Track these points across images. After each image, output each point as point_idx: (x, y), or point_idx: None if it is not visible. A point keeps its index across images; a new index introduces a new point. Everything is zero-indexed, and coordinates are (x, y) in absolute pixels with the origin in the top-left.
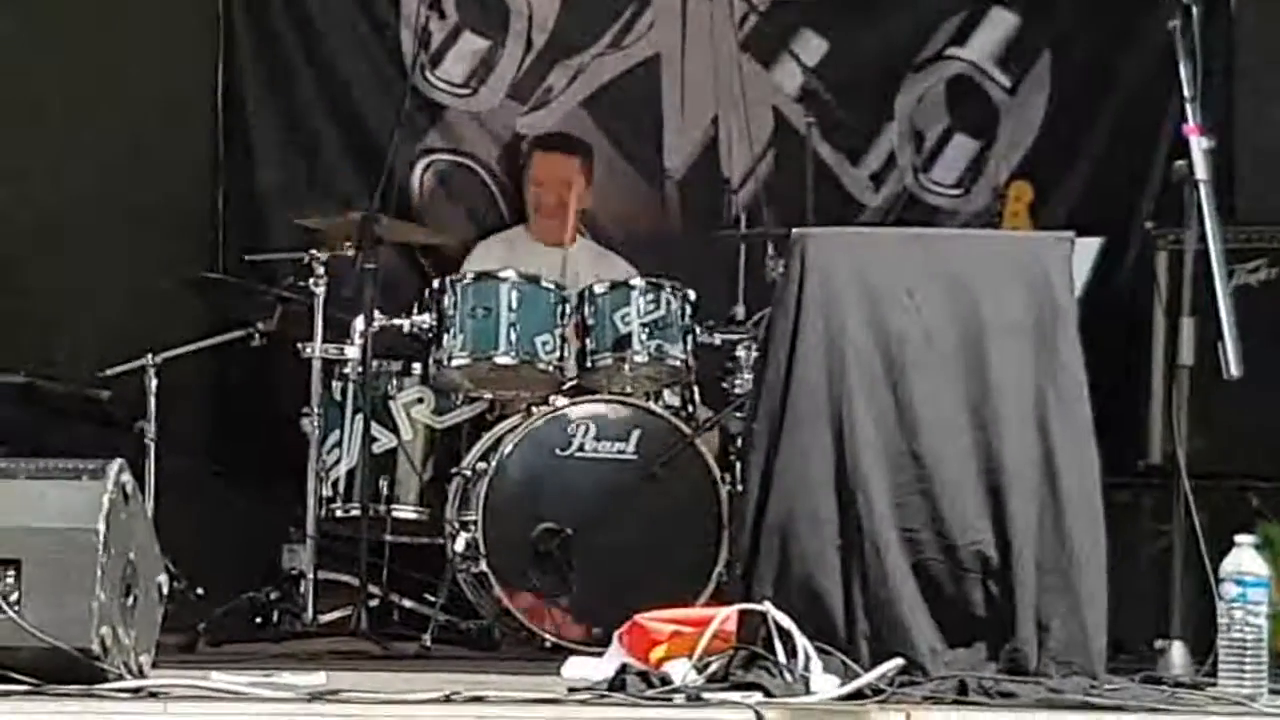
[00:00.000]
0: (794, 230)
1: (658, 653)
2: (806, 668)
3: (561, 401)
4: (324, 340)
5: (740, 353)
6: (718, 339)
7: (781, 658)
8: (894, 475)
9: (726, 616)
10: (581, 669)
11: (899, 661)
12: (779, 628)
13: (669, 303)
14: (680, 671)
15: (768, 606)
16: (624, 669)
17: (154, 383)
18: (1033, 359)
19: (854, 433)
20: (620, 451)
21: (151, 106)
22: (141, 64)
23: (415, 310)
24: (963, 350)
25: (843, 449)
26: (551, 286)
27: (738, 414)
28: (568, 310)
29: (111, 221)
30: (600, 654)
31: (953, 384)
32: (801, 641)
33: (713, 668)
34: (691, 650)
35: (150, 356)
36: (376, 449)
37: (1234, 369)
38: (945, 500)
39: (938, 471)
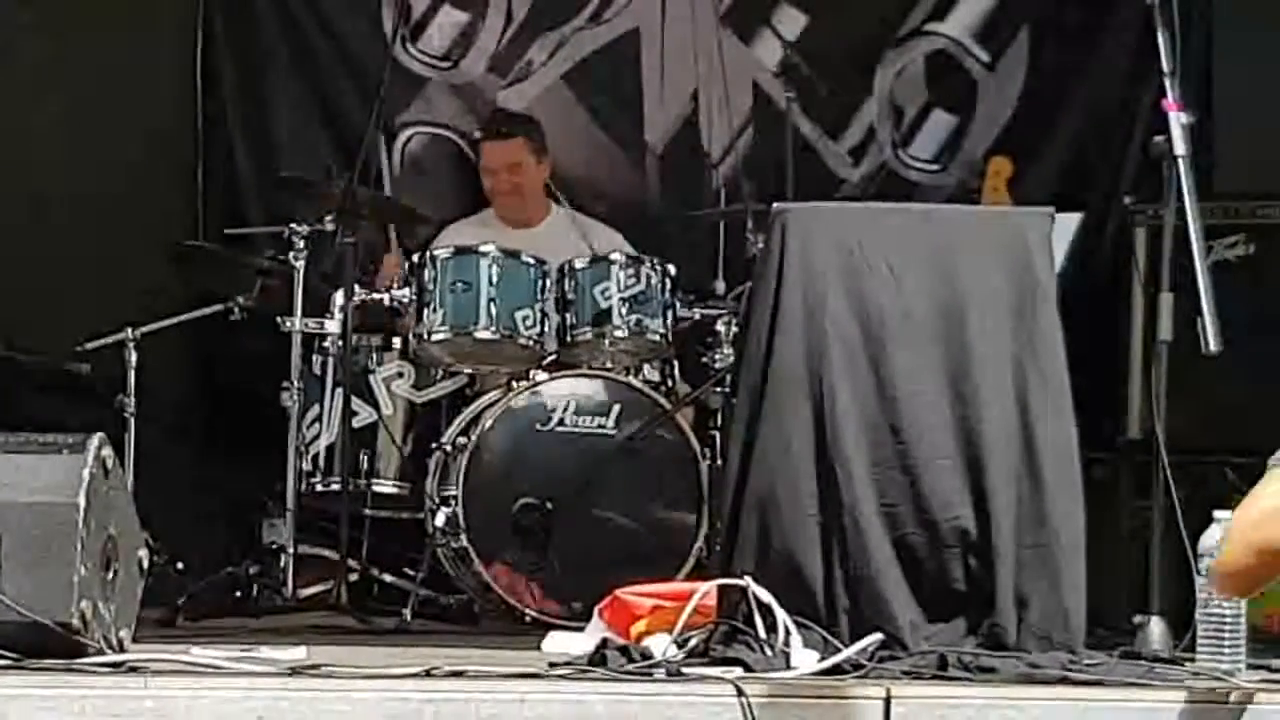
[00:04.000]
0: (774, 205)
1: (638, 627)
2: (786, 643)
3: (541, 376)
4: (304, 314)
5: (720, 327)
6: (697, 313)
7: (762, 632)
8: (874, 450)
9: (707, 591)
10: (562, 643)
11: (879, 636)
12: (759, 602)
13: (649, 277)
14: (661, 646)
15: (748, 581)
16: (604, 644)
17: (134, 357)
18: (1012, 334)
19: (834, 407)
20: (600, 426)
21: (129, 82)
22: (121, 41)
23: (395, 284)
24: (942, 325)
25: (823, 424)
26: (532, 261)
27: (717, 388)
28: (548, 285)
29: (91, 196)
30: (581, 629)
31: (932, 359)
32: (782, 616)
33: (693, 642)
34: (672, 625)
35: (130, 330)
36: (356, 423)
37: (1213, 344)
38: (925, 475)
39: (917, 446)
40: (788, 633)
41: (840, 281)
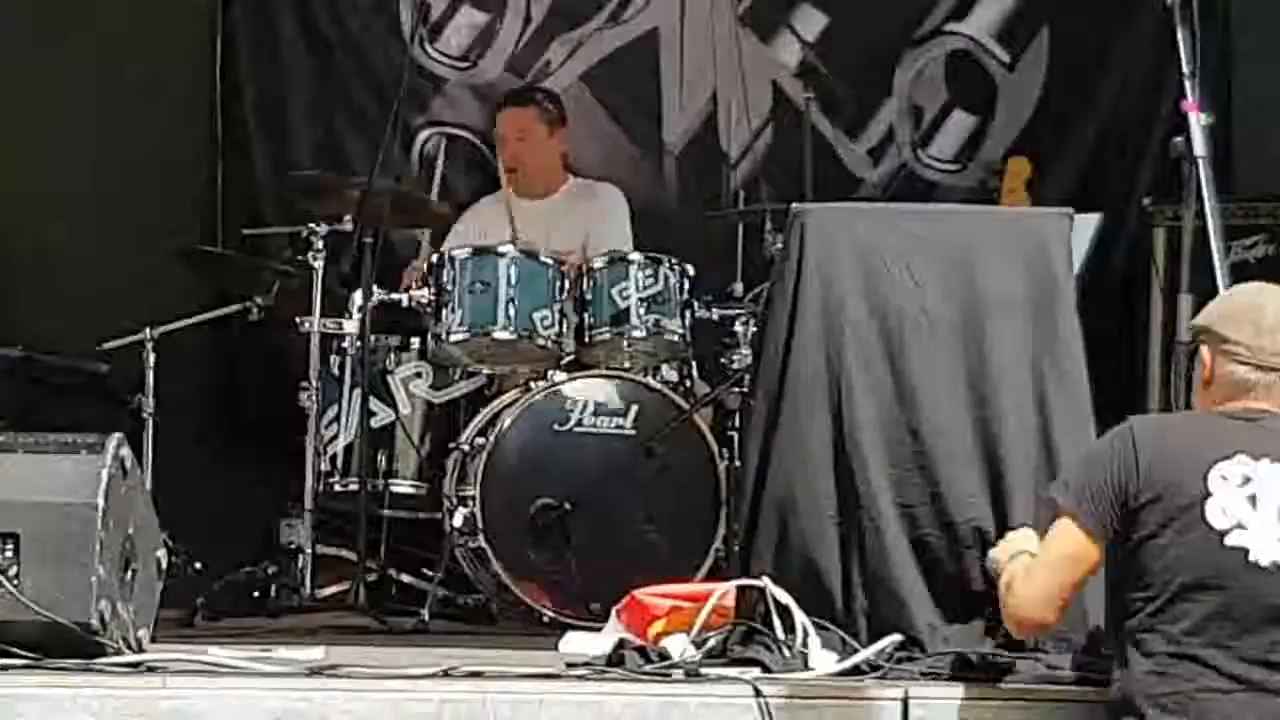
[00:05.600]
0: (793, 205)
1: (656, 628)
2: (805, 644)
3: (560, 376)
4: (322, 315)
5: (738, 328)
6: (716, 314)
7: (780, 633)
8: (892, 451)
9: (725, 592)
10: (579, 644)
11: (897, 637)
12: (777, 603)
13: (667, 278)
14: (678, 647)
15: (766, 582)
16: (622, 644)
17: (152, 357)
18: (1031, 335)
19: (852, 408)
20: (618, 426)
21: (150, 83)
22: (140, 41)
23: (414, 284)
24: (961, 326)
25: (841, 424)
26: (550, 262)
27: (735, 389)
28: (566, 285)
29: (110, 196)
30: (598, 629)
31: (951, 360)
32: (800, 617)
33: (711, 643)
34: (690, 626)
35: (148, 331)
36: (375, 424)
37: None
38: (943, 476)
39: (936, 447)
40: (806, 633)
41: (859, 282)
